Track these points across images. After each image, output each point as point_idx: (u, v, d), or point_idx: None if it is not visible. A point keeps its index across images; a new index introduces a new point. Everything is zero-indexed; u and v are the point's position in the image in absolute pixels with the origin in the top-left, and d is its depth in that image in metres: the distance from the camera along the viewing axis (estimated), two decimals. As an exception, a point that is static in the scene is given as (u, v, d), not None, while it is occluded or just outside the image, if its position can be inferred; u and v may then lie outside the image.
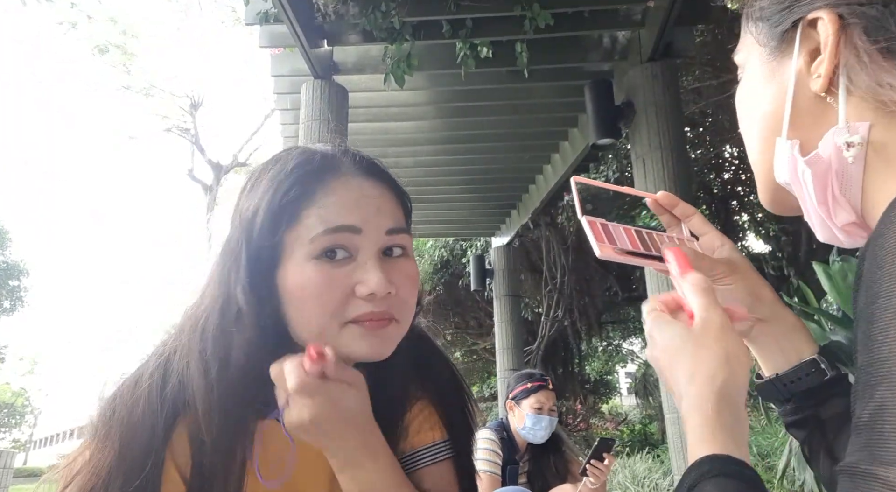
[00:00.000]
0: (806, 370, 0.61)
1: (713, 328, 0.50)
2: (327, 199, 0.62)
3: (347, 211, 0.62)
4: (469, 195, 6.83)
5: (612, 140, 4.10)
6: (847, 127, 0.44)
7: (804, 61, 0.47)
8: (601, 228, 0.61)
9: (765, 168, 0.52)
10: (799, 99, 0.47)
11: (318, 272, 0.60)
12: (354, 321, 0.62)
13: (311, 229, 0.61)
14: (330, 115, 3.98)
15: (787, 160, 0.48)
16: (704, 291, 0.53)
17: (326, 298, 0.60)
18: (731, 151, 7.75)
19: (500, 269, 7.47)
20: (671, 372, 0.52)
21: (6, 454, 7.48)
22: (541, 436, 2.24)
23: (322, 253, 0.61)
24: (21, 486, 18.18)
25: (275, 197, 0.62)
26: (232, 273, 0.62)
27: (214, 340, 0.61)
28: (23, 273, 23.61)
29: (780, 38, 0.49)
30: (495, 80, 4.44)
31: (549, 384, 2.31)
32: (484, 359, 13.59)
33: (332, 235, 0.61)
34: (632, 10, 3.85)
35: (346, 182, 0.65)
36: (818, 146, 0.46)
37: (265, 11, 3.90)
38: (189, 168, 17.37)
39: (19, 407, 42.21)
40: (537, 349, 8.01)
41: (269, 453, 0.65)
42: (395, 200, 0.71)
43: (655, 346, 0.53)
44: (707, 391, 0.48)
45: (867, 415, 0.35)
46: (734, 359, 0.49)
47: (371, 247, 0.63)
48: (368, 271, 0.61)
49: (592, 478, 2.02)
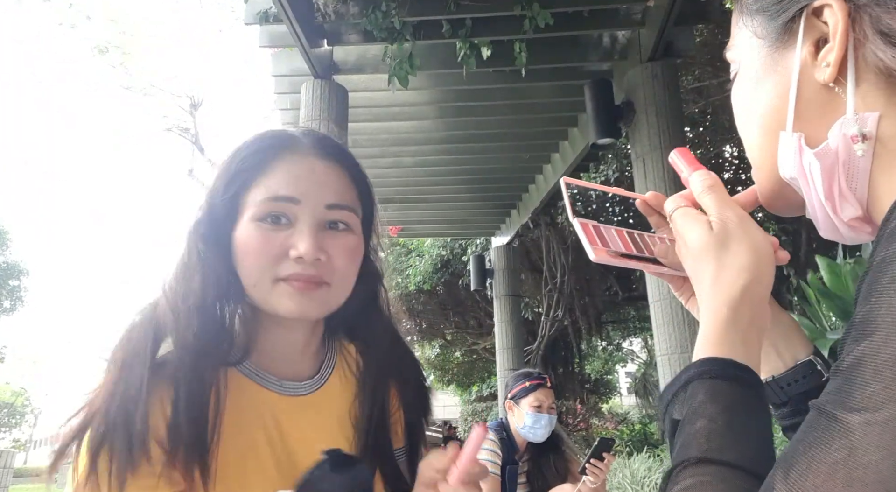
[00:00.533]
0: (803, 372, 0.60)
1: (731, 227, 0.50)
2: (276, 171, 0.71)
3: (290, 184, 0.71)
4: (469, 195, 6.83)
5: (612, 140, 4.10)
6: (856, 118, 0.43)
7: (809, 51, 0.45)
8: (594, 231, 0.61)
9: (767, 164, 0.50)
10: (803, 90, 0.46)
11: (257, 232, 0.70)
12: (285, 280, 0.70)
13: (257, 195, 0.70)
14: (330, 115, 3.98)
15: (793, 154, 0.46)
16: (712, 188, 0.53)
17: (262, 255, 0.69)
18: (731, 151, 7.76)
19: (500, 268, 7.47)
20: (695, 270, 0.51)
21: (6, 454, 7.48)
22: (541, 434, 2.24)
23: (265, 217, 0.70)
24: (21, 486, 18.16)
25: (232, 163, 0.72)
26: (197, 227, 0.71)
27: (177, 283, 0.69)
28: (23, 273, 23.61)
29: (781, 28, 0.47)
30: (495, 79, 4.44)
31: (547, 382, 2.31)
32: (484, 359, 13.60)
33: (273, 203, 0.70)
34: (632, 9, 3.85)
35: (297, 159, 0.73)
36: (828, 137, 0.45)
37: (265, 11, 3.90)
38: (189, 168, 17.38)
39: (19, 407, 42.21)
40: (537, 349, 8.01)
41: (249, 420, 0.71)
42: (345, 179, 0.76)
43: (684, 244, 0.53)
44: (727, 294, 0.48)
45: (846, 364, 0.36)
46: (759, 255, 0.49)
47: (308, 217, 0.71)
48: (300, 237, 0.69)
49: (592, 477, 2.02)
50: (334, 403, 0.80)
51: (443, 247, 9.78)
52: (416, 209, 7.05)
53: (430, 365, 15.60)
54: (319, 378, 0.80)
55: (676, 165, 0.58)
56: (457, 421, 14.99)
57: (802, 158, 0.46)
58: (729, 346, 0.46)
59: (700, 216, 0.52)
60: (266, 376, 0.75)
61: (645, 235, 0.64)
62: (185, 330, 0.67)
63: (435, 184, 6.48)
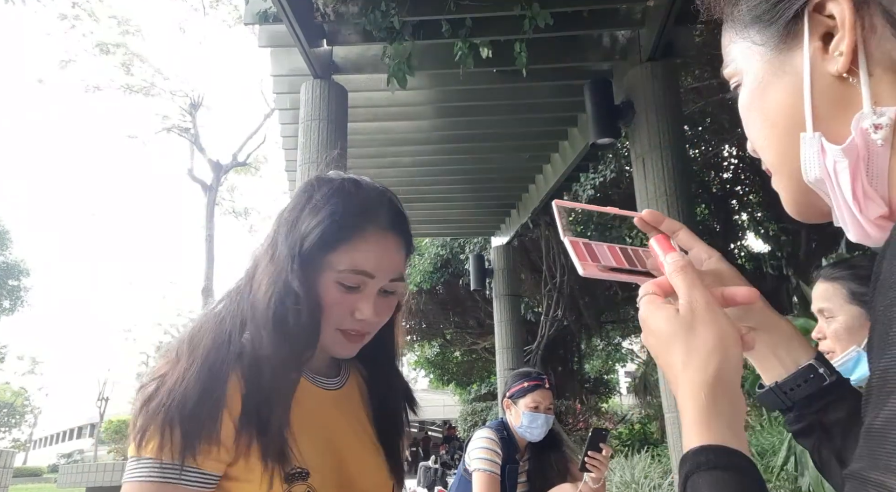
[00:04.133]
0: (804, 377, 0.60)
1: (699, 309, 0.50)
2: (361, 244, 0.84)
3: (370, 261, 0.84)
4: (469, 195, 6.83)
5: (612, 139, 4.10)
6: (873, 109, 0.42)
7: (816, 47, 0.44)
8: (584, 248, 0.62)
9: (789, 170, 0.49)
10: (817, 86, 0.45)
11: (337, 293, 0.84)
12: (343, 331, 0.86)
13: (342, 263, 0.83)
14: (329, 115, 3.98)
15: (816, 155, 0.45)
16: (683, 270, 0.53)
17: (333, 311, 0.84)
18: (730, 151, 7.76)
19: (500, 268, 7.47)
20: (665, 358, 0.51)
21: (6, 454, 7.47)
22: (537, 433, 2.24)
23: (345, 283, 0.84)
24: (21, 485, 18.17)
25: (327, 229, 0.82)
26: (288, 271, 0.82)
27: (276, 315, 0.81)
28: (23, 273, 23.61)
29: (782, 30, 0.46)
30: (495, 79, 4.44)
31: (545, 383, 2.31)
32: (484, 358, 13.60)
33: (353, 276, 0.84)
34: (632, 9, 3.84)
35: (377, 234, 0.86)
36: (851, 132, 0.43)
37: (265, 11, 3.89)
38: (189, 168, 17.37)
39: (19, 407, 42.19)
40: (537, 349, 8.02)
41: (301, 405, 0.84)
42: (404, 251, 0.90)
43: (649, 331, 0.53)
44: (701, 378, 0.47)
45: (879, 422, 0.34)
46: (725, 339, 0.49)
47: (375, 287, 0.85)
48: (366, 305, 0.85)
49: (593, 472, 2.01)
50: (355, 397, 0.96)
51: (442, 246, 9.78)
52: (416, 209, 7.05)
53: (430, 364, 15.60)
54: (343, 376, 0.96)
55: (654, 250, 0.59)
56: (456, 420, 14.98)
57: (826, 158, 0.44)
58: (717, 431, 0.45)
59: (664, 304, 0.53)
60: (307, 374, 0.89)
61: (639, 250, 0.64)
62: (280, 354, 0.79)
63: (434, 184, 6.48)
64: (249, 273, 0.88)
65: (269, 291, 0.82)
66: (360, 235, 0.84)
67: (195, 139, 17.32)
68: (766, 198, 7.66)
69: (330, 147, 3.85)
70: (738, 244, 8.81)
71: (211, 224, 16.81)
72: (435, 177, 6.30)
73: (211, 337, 0.80)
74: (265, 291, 0.83)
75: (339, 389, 0.93)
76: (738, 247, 9.08)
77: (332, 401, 0.91)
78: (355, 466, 0.87)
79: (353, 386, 0.97)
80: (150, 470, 0.71)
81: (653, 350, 0.53)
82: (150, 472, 0.71)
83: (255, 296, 0.84)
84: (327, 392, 0.91)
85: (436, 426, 23.77)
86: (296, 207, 0.87)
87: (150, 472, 0.71)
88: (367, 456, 0.91)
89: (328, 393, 0.91)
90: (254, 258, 0.90)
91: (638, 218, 0.64)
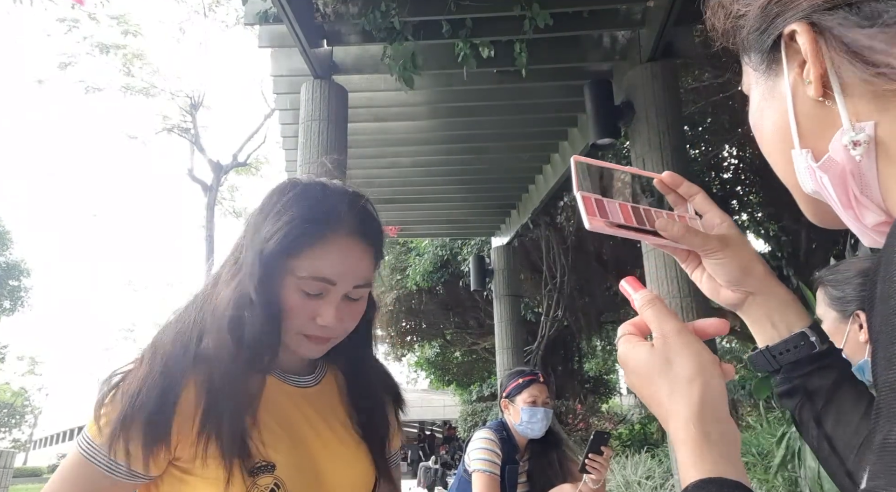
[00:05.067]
0: (794, 343, 0.63)
1: (672, 340, 0.52)
2: (322, 251, 0.83)
3: (332, 267, 0.84)
4: (469, 195, 6.83)
5: (612, 140, 4.10)
6: (852, 126, 0.44)
7: (796, 72, 0.48)
8: (595, 204, 0.62)
9: (794, 184, 0.52)
10: (800, 108, 0.48)
11: (298, 299, 0.84)
12: (307, 336, 0.87)
13: (303, 269, 0.83)
14: (329, 115, 3.98)
15: (806, 170, 0.48)
16: (651, 303, 0.55)
17: (295, 317, 0.85)
18: (730, 151, 7.75)
19: (500, 269, 7.47)
20: (649, 395, 0.52)
21: (6, 454, 7.47)
22: (538, 429, 2.23)
23: (305, 290, 0.84)
24: (21, 486, 18.17)
25: (288, 235, 0.82)
26: (247, 275, 0.83)
27: (232, 321, 0.82)
28: (23, 273, 23.61)
29: (767, 58, 0.50)
30: (495, 80, 4.44)
31: (539, 378, 2.31)
32: (484, 359, 13.59)
33: (314, 282, 0.83)
34: (632, 9, 3.84)
35: (341, 241, 0.85)
36: (829, 150, 0.46)
37: (265, 11, 3.89)
38: (189, 168, 17.37)
39: (19, 407, 42.18)
40: (537, 349, 8.01)
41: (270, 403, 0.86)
42: (370, 258, 0.89)
43: (629, 371, 0.54)
44: (687, 410, 0.48)
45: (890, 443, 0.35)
46: (702, 366, 0.50)
47: (337, 294, 0.85)
48: (327, 311, 0.84)
49: (594, 474, 2.01)
50: (332, 393, 0.97)
51: (442, 247, 9.77)
52: (416, 209, 7.05)
53: (430, 365, 15.60)
54: (319, 374, 0.97)
55: (626, 291, 0.60)
56: (456, 421, 14.98)
57: (814, 172, 0.47)
58: (712, 463, 0.46)
59: (640, 342, 0.55)
60: (277, 373, 0.91)
61: (651, 211, 0.65)
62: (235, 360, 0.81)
63: (435, 184, 6.48)
64: (214, 277, 0.89)
65: (229, 296, 0.83)
66: (321, 242, 0.83)
67: (195, 139, 17.32)
68: (766, 198, 7.65)
69: (330, 147, 3.85)
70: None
71: (211, 224, 16.81)
72: (435, 177, 6.30)
73: (170, 342, 0.82)
74: (225, 296, 0.84)
75: (313, 386, 0.94)
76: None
77: (305, 398, 0.92)
78: (327, 460, 0.88)
79: (331, 383, 0.98)
80: (98, 454, 0.77)
81: (637, 390, 0.54)
82: (95, 455, 0.77)
83: (215, 301, 0.85)
84: (299, 389, 0.92)
85: (436, 427, 23.77)
86: (262, 211, 0.87)
87: (95, 455, 0.77)
88: (342, 450, 0.91)
89: (300, 390, 0.92)
90: (222, 262, 0.91)
91: (658, 180, 0.67)
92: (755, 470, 5.38)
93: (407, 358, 15.41)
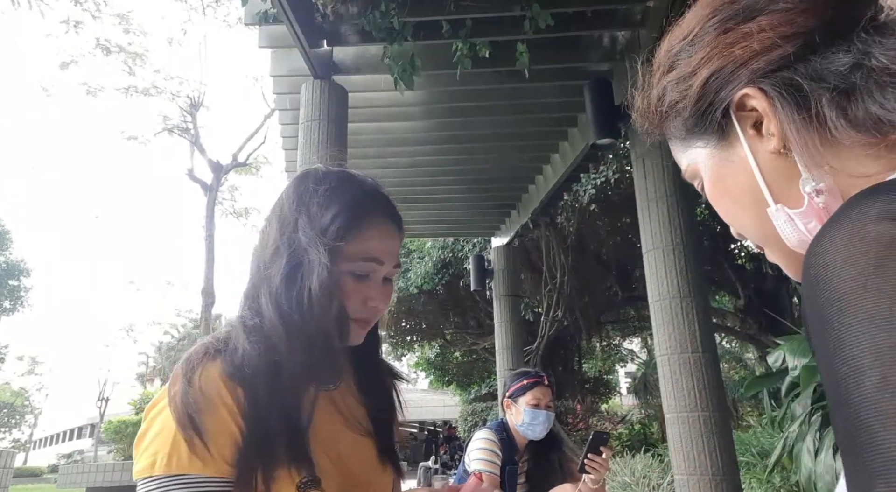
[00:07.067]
0: None
1: None
2: (371, 232, 0.87)
3: (380, 247, 0.87)
4: (469, 195, 6.83)
5: (612, 140, 4.10)
6: (811, 176, 0.46)
7: (751, 134, 0.50)
8: None
9: (774, 241, 0.52)
10: (764, 165, 0.49)
11: (350, 284, 0.85)
12: (355, 320, 0.87)
13: (356, 250, 0.85)
14: (329, 116, 3.98)
15: (786, 223, 0.49)
16: None
17: (350, 302, 0.85)
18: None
19: (500, 269, 7.47)
20: None
21: (6, 454, 7.49)
22: (539, 431, 2.24)
23: (357, 273, 0.86)
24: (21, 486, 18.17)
25: (346, 220, 0.84)
26: (312, 269, 0.81)
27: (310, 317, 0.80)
28: (23, 273, 23.59)
29: (717, 132, 0.52)
30: (495, 80, 4.44)
31: (544, 380, 2.31)
32: (483, 359, 13.59)
33: (365, 263, 0.86)
34: (631, 10, 3.84)
35: (384, 225, 0.90)
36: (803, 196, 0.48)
37: (265, 11, 3.89)
38: (189, 168, 17.36)
39: (19, 407, 42.17)
40: (537, 349, 8.01)
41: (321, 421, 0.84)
42: (400, 240, 0.94)
43: None
44: None
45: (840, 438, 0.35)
46: None
47: (381, 274, 0.88)
48: (377, 293, 0.88)
49: (592, 474, 2.01)
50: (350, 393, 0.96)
51: (442, 248, 9.77)
52: (416, 209, 7.05)
53: (430, 365, 15.60)
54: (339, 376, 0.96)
55: None
56: (456, 421, 14.98)
57: (797, 222, 0.49)
58: None
59: None
60: None
61: None
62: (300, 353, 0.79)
63: (434, 184, 6.48)
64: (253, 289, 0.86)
65: (299, 297, 0.80)
66: (368, 223, 0.87)
67: (195, 139, 17.32)
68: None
69: (330, 147, 3.85)
70: (739, 244, 8.80)
71: (211, 224, 16.80)
72: (435, 177, 6.30)
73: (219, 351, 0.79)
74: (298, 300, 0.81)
75: (336, 388, 0.93)
76: (738, 247, 9.08)
77: (332, 402, 0.90)
78: (357, 464, 0.88)
79: (348, 381, 0.97)
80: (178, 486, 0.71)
81: None
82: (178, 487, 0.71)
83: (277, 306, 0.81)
84: (327, 393, 0.90)
85: (436, 427, 23.75)
86: (299, 204, 0.86)
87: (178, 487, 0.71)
88: (366, 452, 0.91)
89: (327, 394, 0.90)
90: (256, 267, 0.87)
91: None
92: (754, 470, 5.38)
93: (407, 358, 15.42)
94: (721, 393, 3.59)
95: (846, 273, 0.35)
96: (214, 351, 0.79)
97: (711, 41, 0.51)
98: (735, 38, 0.49)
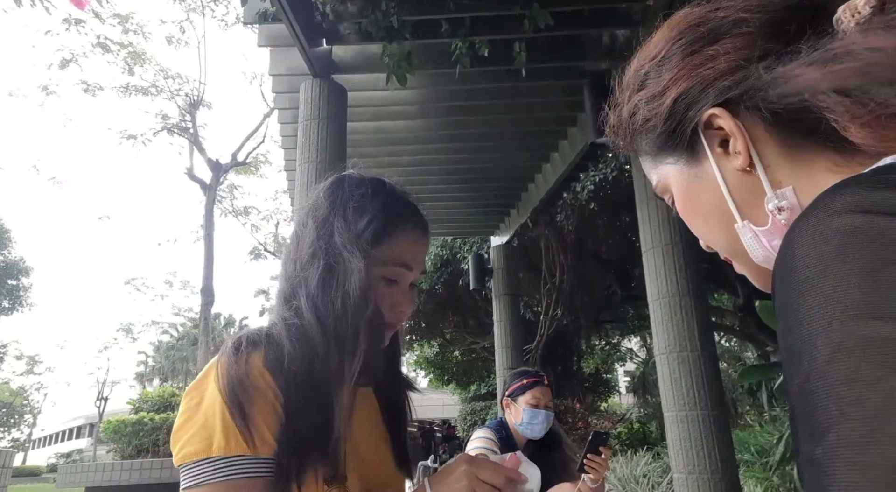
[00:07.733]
0: None
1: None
2: (404, 239, 0.89)
3: (410, 253, 0.89)
4: (468, 194, 6.83)
5: (612, 139, 4.10)
6: (775, 194, 0.48)
7: (719, 153, 0.51)
8: None
9: (741, 256, 0.54)
10: (731, 183, 0.51)
11: (382, 289, 0.87)
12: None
13: (388, 255, 0.86)
14: (328, 115, 3.97)
15: (752, 239, 0.51)
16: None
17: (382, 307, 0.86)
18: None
19: (500, 268, 7.47)
20: None
21: (5, 454, 7.48)
22: (538, 430, 2.24)
23: (388, 277, 0.88)
24: (20, 485, 18.17)
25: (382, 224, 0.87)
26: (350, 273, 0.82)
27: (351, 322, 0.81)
28: (22, 272, 23.56)
29: (685, 148, 0.53)
30: (494, 79, 4.44)
31: (544, 380, 2.31)
32: (483, 358, 13.60)
33: (396, 269, 0.88)
34: (631, 9, 3.84)
35: (415, 230, 0.91)
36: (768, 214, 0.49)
37: (264, 10, 3.89)
38: (188, 167, 17.34)
39: (18, 406, 42.15)
40: (536, 348, 8.02)
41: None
42: (427, 248, 0.96)
43: None
44: None
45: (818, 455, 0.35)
46: None
47: (409, 279, 0.90)
48: (406, 298, 0.90)
49: (592, 474, 2.01)
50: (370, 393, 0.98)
51: (442, 246, 9.78)
52: (415, 208, 7.05)
53: (430, 364, 15.61)
54: None
55: None
56: (455, 420, 14.99)
57: (762, 239, 0.50)
58: None
59: None
60: None
61: None
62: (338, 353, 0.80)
63: (434, 183, 6.48)
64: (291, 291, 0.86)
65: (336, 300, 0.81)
66: (401, 230, 0.89)
67: (194, 139, 17.31)
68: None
69: (329, 146, 3.85)
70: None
71: (210, 224, 16.79)
72: (434, 176, 6.30)
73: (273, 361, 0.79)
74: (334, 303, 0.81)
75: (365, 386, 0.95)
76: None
77: (359, 399, 0.92)
78: (375, 466, 0.90)
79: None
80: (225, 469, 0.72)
81: None
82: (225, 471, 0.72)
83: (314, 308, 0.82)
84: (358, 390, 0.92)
85: (435, 426, 23.77)
86: (337, 208, 0.88)
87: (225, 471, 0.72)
88: (383, 455, 0.94)
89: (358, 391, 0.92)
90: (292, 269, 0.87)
91: None
92: (754, 468, 5.39)
93: (406, 357, 15.42)
94: (720, 391, 3.59)
95: (810, 260, 0.37)
96: (256, 341, 0.80)
97: (679, 62, 0.53)
98: (701, 59, 0.51)
